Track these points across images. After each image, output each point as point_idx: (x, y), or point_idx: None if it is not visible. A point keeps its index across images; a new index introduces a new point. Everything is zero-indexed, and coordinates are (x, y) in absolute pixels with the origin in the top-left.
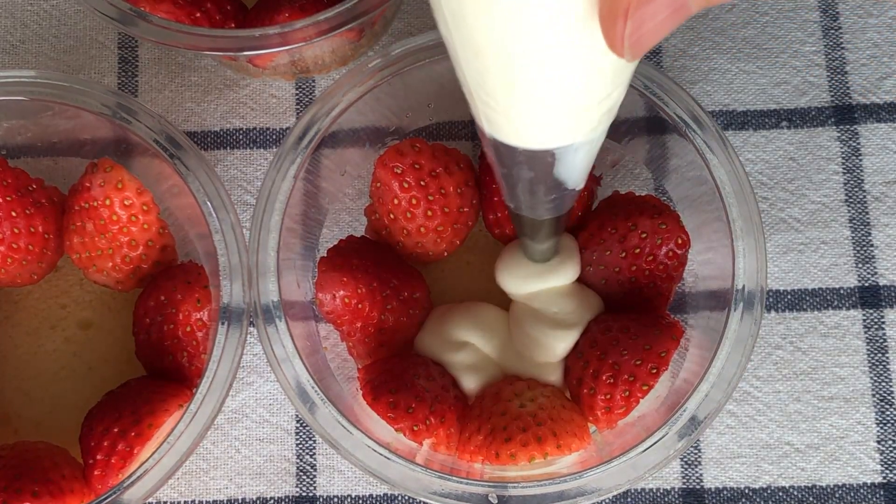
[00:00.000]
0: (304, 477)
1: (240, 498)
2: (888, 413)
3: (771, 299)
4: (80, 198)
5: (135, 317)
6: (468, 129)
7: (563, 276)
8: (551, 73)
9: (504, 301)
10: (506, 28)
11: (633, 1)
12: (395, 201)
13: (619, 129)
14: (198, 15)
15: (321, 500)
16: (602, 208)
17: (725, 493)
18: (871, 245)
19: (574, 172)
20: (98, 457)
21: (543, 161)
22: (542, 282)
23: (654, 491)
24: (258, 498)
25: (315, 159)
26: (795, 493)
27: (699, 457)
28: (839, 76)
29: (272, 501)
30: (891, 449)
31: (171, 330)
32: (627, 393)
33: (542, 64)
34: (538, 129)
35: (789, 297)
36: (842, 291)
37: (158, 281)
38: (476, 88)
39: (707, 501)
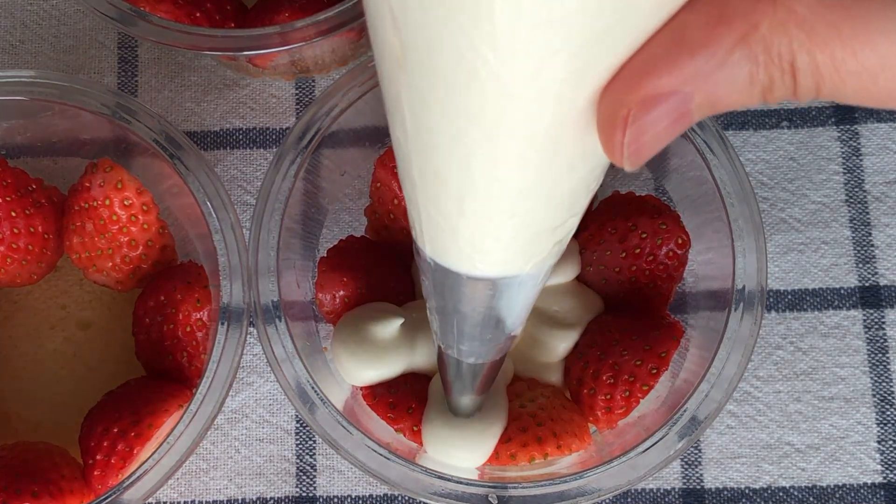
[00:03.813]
0: (304, 477)
1: (240, 498)
2: (888, 413)
3: (771, 299)
4: (79, 198)
5: (135, 317)
6: None
7: (562, 273)
8: (517, 184)
9: None
10: (479, 125)
11: (634, 109)
12: (395, 201)
13: None
14: (198, 15)
15: (321, 500)
16: (602, 208)
17: (726, 493)
18: (872, 245)
19: (514, 310)
20: (98, 457)
21: (484, 292)
22: None
23: (655, 491)
24: (258, 498)
25: (315, 159)
26: (796, 493)
27: (699, 457)
28: None
29: (272, 501)
30: (891, 449)
31: (170, 330)
32: (628, 393)
33: (509, 172)
34: (485, 253)
35: (789, 297)
36: (842, 291)
37: (158, 281)
38: (424, 200)
39: (707, 502)
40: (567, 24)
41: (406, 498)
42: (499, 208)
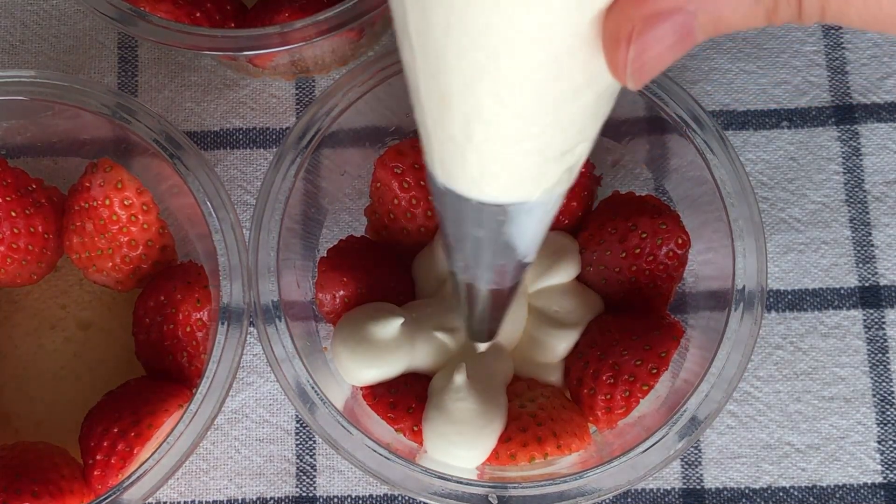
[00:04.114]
0: (304, 477)
1: (240, 498)
2: (889, 413)
3: (771, 299)
4: (79, 198)
5: (135, 317)
6: None
7: (563, 273)
8: (522, 108)
9: None
10: (482, 47)
11: (637, 25)
12: (395, 201)
13: (619, 129)
14: (198, 15)
15: (321, 500)
16: (602, 208)
17: (726, 493)
18: (872, 245)
19: (525, 237)
20: (98, 457)
21: (495, 219)
22: (542, 280)
23: (655, 491)
24: (258, 498)
25: (315, 159)
26: (796, 493)
27: (699, 457)
28: (839, 76)
29: (272, 501)
30: (891, 449)
31: (170, 330)
32: (627, 393)
33: (514, 96)
34: (494, 178)
35: (790, 297)
36: (842, 291)
37: (158, 281)
38: (433, 124)
39: (707, 502)
40: None
41: (406, 498)
42: (505, 133)
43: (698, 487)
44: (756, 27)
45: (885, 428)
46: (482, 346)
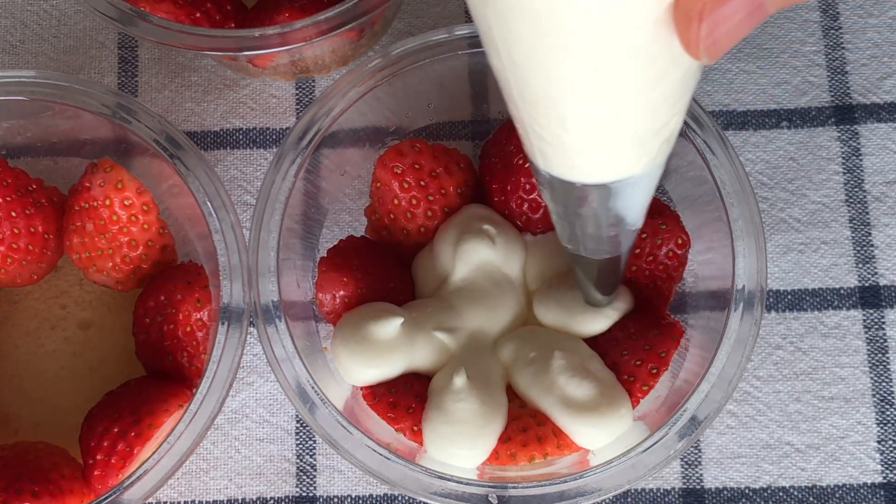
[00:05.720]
0: (304, 477)
1: (240, 498)
2: (888, 413)
3: (771, 299)
4: (79, 198)
5: (135, 317)
6: (468, 129)
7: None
8: (613, 97)
9: None
10: (568, 47)
11: (709, 2)
12: (395, 201)
13: None
14: (198, 15)
15: (321, 500)
16: None
17: (726, 493)
18: (872, 245)
19: (633, 208)
20: (98, 457)
21: (601, 196)
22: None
23: (654, 491)
24: (258, 498)
25: (315, 159)
26: (796, 493)
27: (699, 457)
28: (839, 76)
29: (272, 501)
30: (891, 449)
31: (171, 330)
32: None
33: (604, 87)
34: (594, 161)
35: (789, 297)
36: (842, 291)
37: (158, 281)
38: (529, 120)
39: (707, 501)
40: None
41: (406, 498)
42: (600, 120)
43: (698, 487)
44: None
45: (885, 428)
46: (606, 308)
